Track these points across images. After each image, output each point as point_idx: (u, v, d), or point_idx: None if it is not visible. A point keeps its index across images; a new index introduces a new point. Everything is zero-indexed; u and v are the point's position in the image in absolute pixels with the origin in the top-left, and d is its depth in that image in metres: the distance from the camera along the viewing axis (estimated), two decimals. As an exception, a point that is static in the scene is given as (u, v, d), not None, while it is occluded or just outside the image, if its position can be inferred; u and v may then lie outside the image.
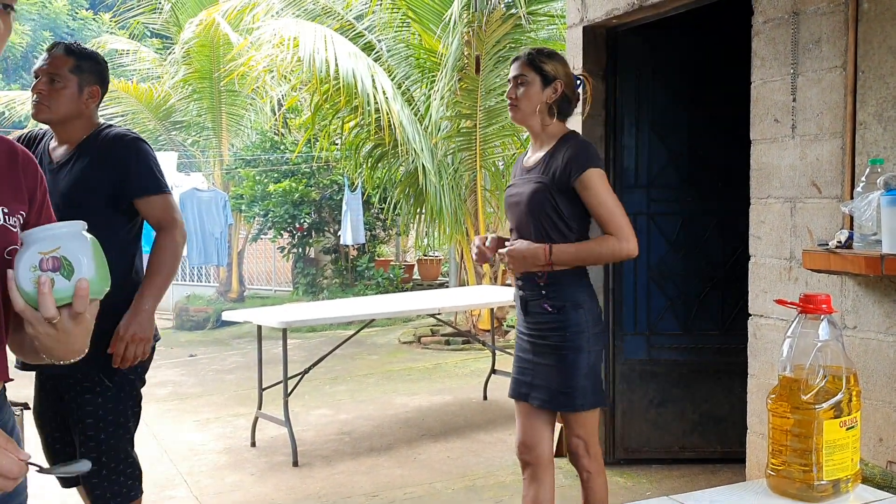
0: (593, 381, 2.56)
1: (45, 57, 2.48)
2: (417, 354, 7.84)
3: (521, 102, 2.59)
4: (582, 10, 3.99)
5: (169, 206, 2.53)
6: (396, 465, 4.28)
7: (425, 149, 7.21)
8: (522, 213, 2.59)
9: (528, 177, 2.61)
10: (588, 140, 2.66)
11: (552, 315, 2.53)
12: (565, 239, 2.53)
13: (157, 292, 2.52)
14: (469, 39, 7.02)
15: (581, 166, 2.48)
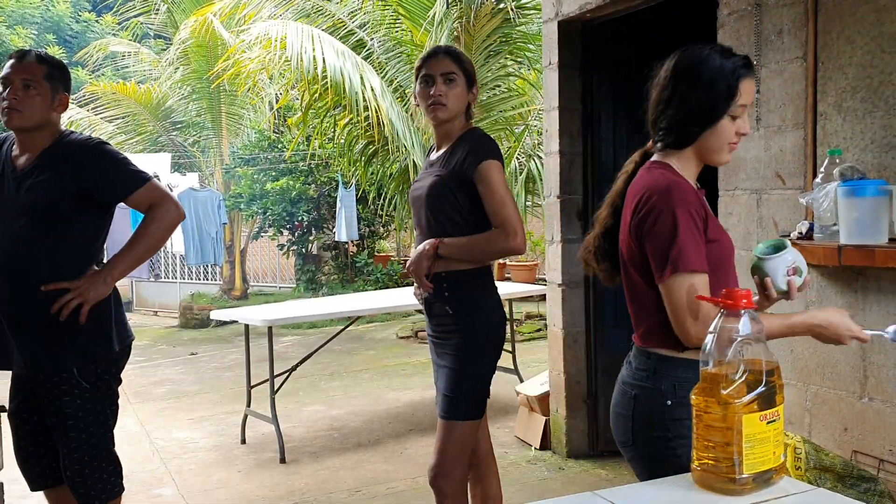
0: (479, 392, 2.48)
1: (11, 63, 2.47)
2: (414, 349, 7.87)
3: (450, 101, 2.47)
4: (556, 5, 3.99)
5: (156, 187, 2.55)
6: (382, 460, 4.32)
7: (416, 144, 7.22)
8: (422, 207, 2.53)
9: (430, 171, 2.55)
10: (488, 134, 2.61)
11: (451, 317, 2.47)
12: (461, 232, 2.46)
13: (131, 261, 2.50)
14: (458, 35, 7.02)
15: (478, 158, 2.42)
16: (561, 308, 4.09)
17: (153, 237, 2.53)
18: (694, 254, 1.61)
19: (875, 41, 2.47)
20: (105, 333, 2.53)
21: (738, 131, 1.72)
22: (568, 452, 4.13)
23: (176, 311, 11.32)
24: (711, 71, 1.69)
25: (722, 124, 1.70)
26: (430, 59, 2.51)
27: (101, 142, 2.56)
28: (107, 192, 2.50)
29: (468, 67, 2.52)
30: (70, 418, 2.46)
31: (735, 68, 1.68)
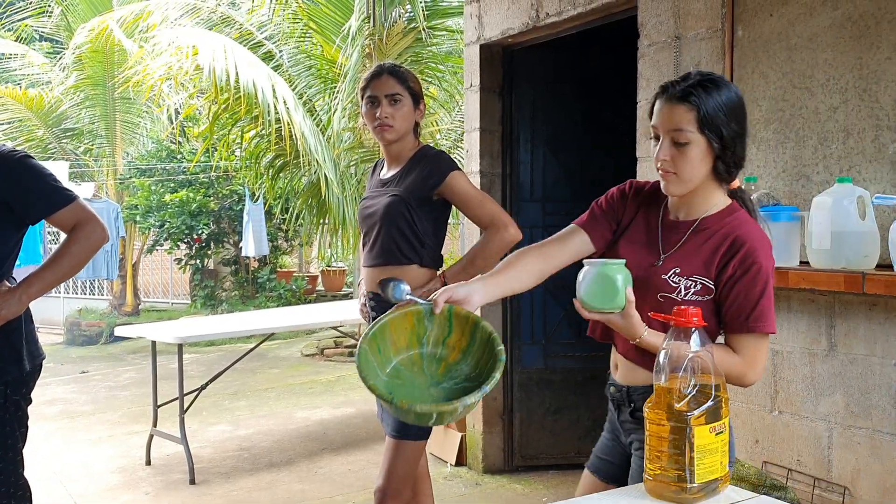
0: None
1: None
2: (320, 367, 7.78)
3: (397, 121, 2.49)
4: (479, 29, 4.08)
5: (81, 207, 2.44)
6: (296, 480, 4.25)
7: (328, 160, 7.18)
8: (375, 225, 2.54)
9: (384, 190, 2.56)
10: (440, 150, 2.67)
11: None
12: (415, 252, 2.50)
13: (50, 280, 2.37)
14: (370, 52, 7.04)
15: (442, 173, 2.47)
16: (479, 325, 4.14)
17: (76, 257, 2.42)
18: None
19: (787, 77, 2.66)
20: (16, 352, 2.40)
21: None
22: (484, 468, 4.18)
23: (59, 326, 10.77)
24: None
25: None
26: (374, 79, 2.53)
27: (26, 155, 2.43)
28: (29, 209, 2.37)
29: (413, 86, 2.55)
30: (13, 424, 2.32)
31: None
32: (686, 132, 1.63)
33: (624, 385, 1.83)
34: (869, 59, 2.44)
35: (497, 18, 3.96)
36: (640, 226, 1.81)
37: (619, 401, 1.86)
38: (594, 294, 1.67)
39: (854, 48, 2.47)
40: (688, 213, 1.75)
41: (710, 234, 1.71)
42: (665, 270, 1.71)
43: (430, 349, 1.66)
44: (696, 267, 1.70)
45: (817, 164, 2.59)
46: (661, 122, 1.67)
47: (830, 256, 2.33)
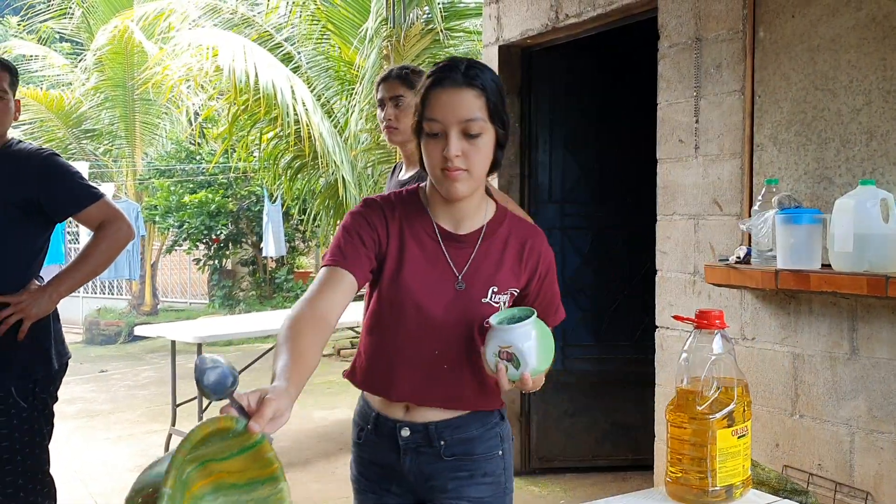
0: None
1: None
2: (337, 367, 7.80)
3: (401, 123, 2.50)
4: (498, 30, 4.08)
5: (108, 204, 2.47)
6: (314, 480, 4.26)
7: (345, 161, 7.20)
8: None
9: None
10: None
11: None
12: None
13: (79, 278, 2.42)
14: (388, 53, 7.06)
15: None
16: (497, 327, 4.14)
17: (104, 255, 2.45)
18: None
19: (809, 78, 2.64)
20: (44, 351, 2.43)
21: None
22: (501, 470, 4.17)
23: (79, 326, 10.86)
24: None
25: (424, 140, 1.51)
26: (382, 82, 2.57)
27: (53, 153, 2.46)
28: (57, 207, 2.41)
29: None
30: (5, 439, 2.35)
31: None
32: (479, 121, 1.44)
33: (426, 423, 1.59)
34: (893, 61, 2.41)
35: (516, 20, 3.96)
36: (413, 246, 1.54)
37: (417, 443, 1.59)
38: (546, 355, 1.43)
39: (878, 49, 2.45)
40: (466, 220, 1.56)
41: (501, 240, 1.57)
42: (482, 293, 1.53)
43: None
44: (507, 279, 1.56)
45: (840, 166, 2.56)
46: (449, 113, 1.43)
47: (853, 259, 2.31)
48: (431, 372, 1.55)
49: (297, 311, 1.40)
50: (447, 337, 1.53)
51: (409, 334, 1.55)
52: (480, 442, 1.61)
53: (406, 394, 1.58)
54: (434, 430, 1.58)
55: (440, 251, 1.55)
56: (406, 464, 1.61)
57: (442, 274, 1.54)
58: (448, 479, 1.60)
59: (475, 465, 1.61)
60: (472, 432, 1.60)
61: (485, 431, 1.62)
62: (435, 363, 1.55)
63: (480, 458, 1.62)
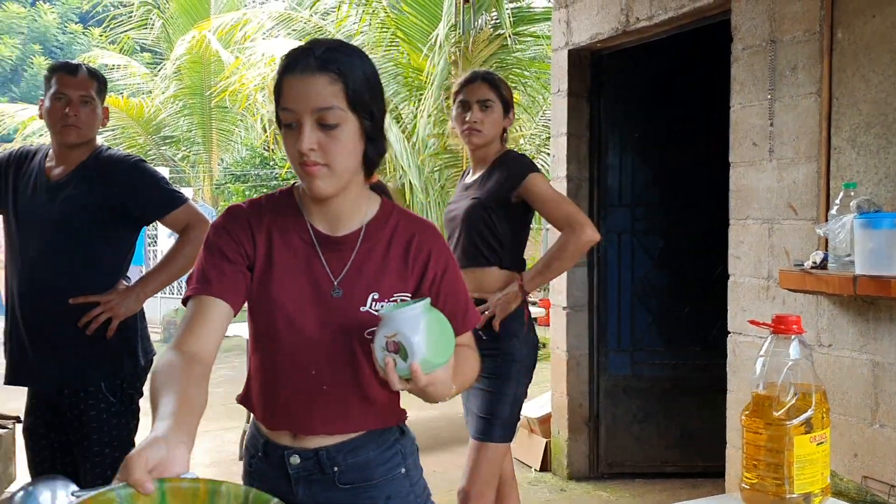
0: (512, 415, 2.53)
1: (65, 79, 2.44)
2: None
3: (486, 127, 2.53)
4: (567, 34, 4.09)
5: (192, 208, 2.57)
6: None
7: (412, 165, 7.29)
8: (457, 229, 2.59)
9: (466, 193, 2.61)
10: (521, 153, 2.70)
11: (485, 342, 2.49)
12: (495, 254, 2.53)
13: (164, 279, 2.52)
14: (456, 59, 7.12)
15: (520, 175, 2.50)
16: (565, 331, 4.15)
17: (188, 258, 2.54)
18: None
19: (890, 80, 2.57)
20: (131, 348, 2.54)
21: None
22: (569, 474, 4.17)
23: (157, 325, 11.22)
24: None
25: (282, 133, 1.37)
26: (467, 84, 2.58)
27: (140, 159, 2.58)
28: (145, 211, 2.51)
29: (505, 93, 2.59)
30: (95, 433, 2.45)
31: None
32: (335, 110, 1.29)
33: (315, 449, 1.42)
34: (980, 61, 2.34)
35: (586, 24, 3.96)
36: (283, 253, 1.39)
37: (308, 471, 1.43)
38: (439, 344, 1.24)
39: (963, 49, 2.38)
40: (343, 220, 1.41)
41: (385, 242, 1.42)
42: (361, 301, 1.37)
43: None
44: (392, 283, 1.40)
45: (923, 169, 2.50)
46: (300, 101, 1.29)
47: (937, 265, 2.25)
48: (310, 394, 1.39)
49: (166, 358, 1.26)
50: (324, 353, 1.36)
51: (284, 352, 1.39)
52: (379, 464, 1.44)
53: (285, 421, 1.43)
54: (325, 456, 1.41)
55: (314, 256, 1.39)
56: (299, 494, 1.44)
57: (316, 281, 1.38)
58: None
59: (377, 490, 1.44)
60: (368, 455, 1.43)
61: (382, 452, 1.46)
62: (313, 384, 1.38)
63: (381, 481, 1.45)
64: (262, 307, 1.39)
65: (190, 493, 1.02)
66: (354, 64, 1.33)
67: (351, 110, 1.31)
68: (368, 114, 1.34)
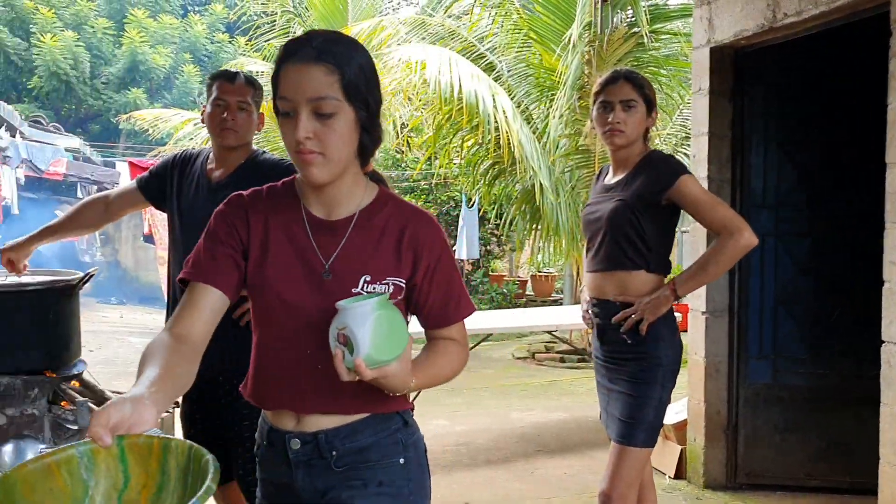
0: (656, 420, 2.49)
1: (224, 86, 2.58)
2: (532, 370, 7.89)
3: (629, 127, 2.50)
4: (709, 31, 3.99)
5: None
6: (514, 479, 4.36)
7: (543, 166, 7.29)
8: (600, 231, 2.55)
9: (609, 195, 2.57)
10: (669, 154, 2.64)
11: (630, 345, 2.49)
12: (641, 258, 2.49)
13: None
14: (590, 58, 7.07)
15: (672, 177, 2.45)
16: (703, 336, 4.04)
17: None
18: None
19: None
20: None
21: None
22: (705, 483, 4.06)
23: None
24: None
25: (279, 121, 1.40)
26: (609, 84, 2.55)
27: (292, 164, 2.72)
28: None
29: (648, 93, 2.55)
30: (247, 419, 2.59)
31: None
32: (330, 100, 1.33)
33: (315, 433, 1.45)
34: None
35: (729, 20, 3.85)
36: (278, 237, 1.45)
37: (308, 456, 1.46)
38: (385, 342, 1.26)
39: None
40: (336, 206, 1.46)
41: (378, 228, 1.45)
42: (353, 283, 1.41)
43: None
44: (384, 267, 1.43)
45: None
46: (297, 91, 1.33)
47: None
48: (306, 374, 1.42)
49: (156, 338, 1.36)
50: (318, 333, 1.35)
51: (280, 334, 1.45)
52: (376, 449, 1.45)
53: (283, 401, 1.47)
54: (324, 440, 1.45)
55: (307, 240, 1.44)
56: (298, 480, 1.47)
57: (307, 264, 1.43)
58: (342, 490, 1.45)
59: (370, 473, 1.45)
60: (366, 439, 1.45)
61: (382, 438, 1.46)
62: (308, 363, 1.41)
63: (376, 465, 1.46)
64: (258, 289, 1.44)
65: (146, 448, 1.13)
66: (351, 56, 1.36)
67: (346, 100, 1.35)
68: (364, 104, 1.37)
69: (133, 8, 21.02)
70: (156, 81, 20.40)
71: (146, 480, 1.12)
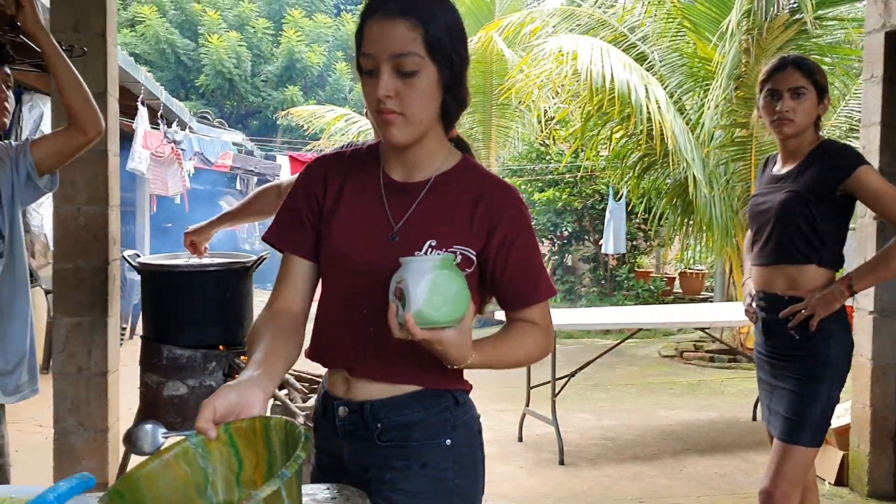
0: (823, 419, 2.39)
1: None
2: (679, 369, 7.69)
3: (798, 116, 2.41)
4: (884, 15, 3.76)
5: None
6: (662, 475, 4.29)
7: (696, 158, 7.07)
8: (769, 223, 2.47)
9: (779, 186, 2.48)
10: (844, 143, 2.50)
11: (798, 342, 2.41)
12: (814, 251, 2.39)
13: None
14: (748, 47, 6.78)
15: (849, 167, 2.34)
16: (871, 337, 3.83)
17: None
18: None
19: None
20: None
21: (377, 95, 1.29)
22: (869, 492, 3.85)
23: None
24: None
25: (361, 79, 1.34)
26: (776, 72, 2.47)
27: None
28: None
29: (819, 79, 2.45)
30: None
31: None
32: (413, 56, 1.26)
33: (362, 402, 1.39)
34: None
35: (908, 2, 3.61)
36: (351, 199, 1.41)
37: (354, 425, 1.40)
38: (441, 302, 1.20)
39: None
40: (415, 169, 1.39)
41: (453, 195, 1.37)
42: (417, 246, 1.34)
43: (222, 498, 1.16)
44: (452, 235, 1.35)
45: None
46: (378, 46, 1.27)
47: None
48: (361, 335, 1.38)
49: (259, 317, 1.41)
50: (377, 296, 1.30)
51: (342, 294, 1.41)
52: (422, 427, 1.38)
53: (337, 360, 1.43)
54: (370, 410, 1.38)
55: (380, 202, 1.39)
56: (345, 451, 1.43)
57: (376, 226, 1.38)
58: (385, 469, 1.39)
59: (413, 452, 1.38)
60: (413, 415, 1.37)
61: (430, 416, 1.38)
62: (363, 324, 1.37)
63: (421, 446, 1.38)
64: (327, 248, 1.41)
65: (250, 430, 1.15)
66: (435, 11, 1.30)
67: (430, 58, 1.28)
68: (448, 63, 1.30)
69: (290, 8, 22.05)
70: (310, 79, 21.32)
71: (257, 461, 1.16)
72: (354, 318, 1.37)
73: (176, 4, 21.08)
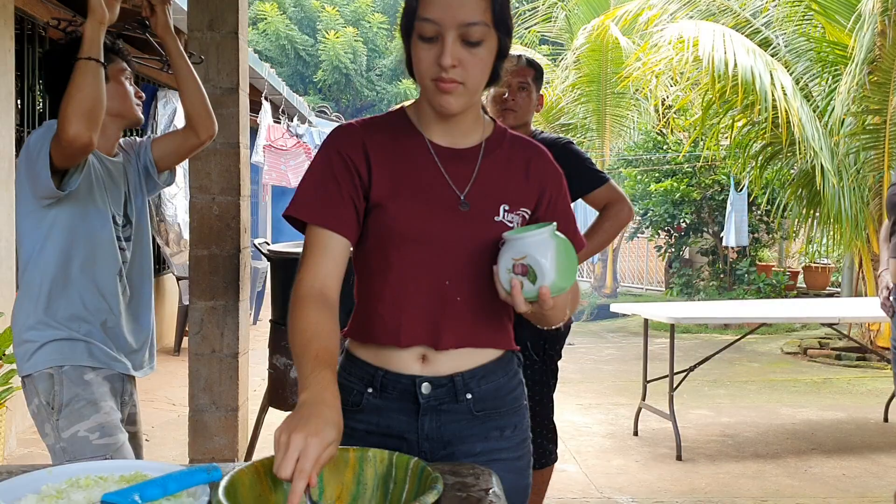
0: None
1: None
2: (802, 366, 7.39)
3: None
4: None
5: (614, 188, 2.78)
6: (785, 475, 4.15)
7: (824, 147, 6.76)
8: None
9: None
10: None
11: None
12: None
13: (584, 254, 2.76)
14: (884, 29, 6.42)
15: None
16: None
17: (607, 233, 2.74)
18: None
19: None
20: None
21: (438, 61, 1.25)
22: None
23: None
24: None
25: (413, 44, 1.29)
26: None
27: (570, 141, 2.83)
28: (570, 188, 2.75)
29: None
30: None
31: None
32: (480, 26, 1.23)
33: (450, 375, 1.35)
34: None
35: None
36: (404, 170, 1.35)
37: (440, 400, 1.35)
38: (567, 268, 1.22)
39: None
40: (464, 136, 1.38)
41: (505, 158, 1.40)
42: (494, 211, 1.35)
43: None
44: (518, 197, 1.39)
45: None
46: (448, 14, 1.22)
47: None
48: (443, 307, 1.34)
49: (297, 309, 1.27)
50: (456, 265, 1.32)
51: (413, 268, 1.34)
52: (507, 392, 1.42)
53: (420, 336, 1.35)
54: (461, 382, 1.36)
55: (437, 170, 1.35)
56: (423, 427, 1.37)
57: (441, 194, 1.34)
58: (477, 441, 1.38)
59: (505, 419, 1.41)
60: (498, 381, 1.40)
61: (510, 379, 1.43)
62: (446, 296, 1.34)
63: (509, 410, 1.42)
64: (387, 223, 1.34)
65: (342, 461, 1.13)
66: None
67: (494, 27, 1.27)
68: (507, 32, 1.30)
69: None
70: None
71: (340, 491, 1.14)
72: (436, 292, 1.35)
73: (295, 2, 21.75)
